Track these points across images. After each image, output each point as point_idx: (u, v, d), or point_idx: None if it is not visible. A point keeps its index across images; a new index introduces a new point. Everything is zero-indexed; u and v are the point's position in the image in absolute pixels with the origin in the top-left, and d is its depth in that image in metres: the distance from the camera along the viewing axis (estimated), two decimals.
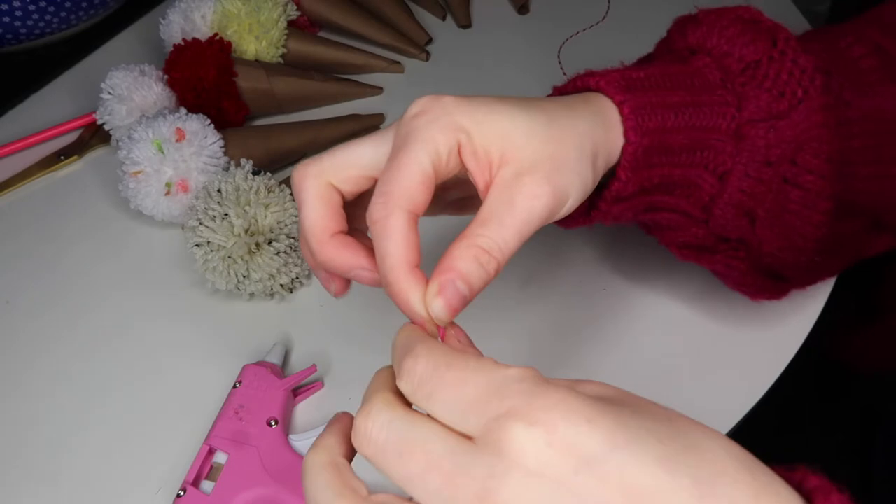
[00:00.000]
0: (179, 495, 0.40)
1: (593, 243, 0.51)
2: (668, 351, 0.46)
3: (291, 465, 0.41)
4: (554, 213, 0.30)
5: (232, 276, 0.48)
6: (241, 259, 0.47)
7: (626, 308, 0.48)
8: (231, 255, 0.47)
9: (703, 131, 0.35)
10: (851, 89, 0.37)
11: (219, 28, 0.61)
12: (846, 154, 0.37)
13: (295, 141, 0.58)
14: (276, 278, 0.48)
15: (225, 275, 0.47)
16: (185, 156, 0.51)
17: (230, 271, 0.47)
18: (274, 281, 0.48)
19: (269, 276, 0.48)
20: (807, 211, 0.36)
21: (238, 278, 0.48)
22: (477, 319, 0.48)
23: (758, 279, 0.40)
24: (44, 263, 0.55)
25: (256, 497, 0.40)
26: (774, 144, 0.35)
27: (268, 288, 0.49)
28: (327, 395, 0.46)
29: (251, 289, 0.48)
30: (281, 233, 0.48)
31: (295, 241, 0.49)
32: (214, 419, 0.43)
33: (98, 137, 0.62)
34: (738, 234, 0.37)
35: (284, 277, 0.49)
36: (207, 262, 0.48)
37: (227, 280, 0.48)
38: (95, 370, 0.48)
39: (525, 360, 0.46)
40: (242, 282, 0.48)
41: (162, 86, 0.58)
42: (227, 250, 0.47)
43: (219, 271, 0.47)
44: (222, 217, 0.48)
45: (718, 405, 0.43)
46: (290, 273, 0.49)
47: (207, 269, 0.48)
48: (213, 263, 0.47)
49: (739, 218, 0.37)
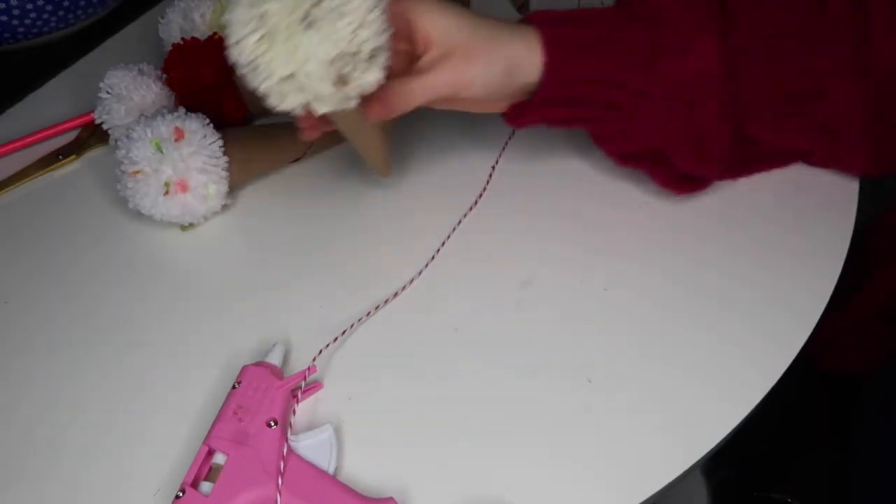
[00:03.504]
0: (178, 496, 0.40)
1: (593, 243, 0.51)
2: (668, 351, 0.46)
3: (291, 466, 0.41)
4: (456, 90, 0.43)
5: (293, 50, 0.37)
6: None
7: (626, 308, 0.48)
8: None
9: (616, 60, 0.44)
10: (754, 33, 0.45)
11: (218, 27, 0.60)
12: (736, 68, 0.45)
13: (295, 141, 0.58)
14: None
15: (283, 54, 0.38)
16: (183, 155, 0.51)
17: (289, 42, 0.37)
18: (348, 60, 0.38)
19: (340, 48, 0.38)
20: (709, 131, 0.46)
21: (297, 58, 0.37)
22: (477, 319, 0.48)
23: (679, 180, 0.50)
24: (42, 263, 0.55)
25: (256, 498, 0.40)
26: (678, 73, 0.44)
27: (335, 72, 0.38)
28: (327, 395, 0.46)
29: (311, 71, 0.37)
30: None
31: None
32: (214, 420, 0.43)
33: (96, 137, 0.62)
34: (656, 145, 0.47)
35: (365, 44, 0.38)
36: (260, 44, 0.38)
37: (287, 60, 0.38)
38: (94, 370, 0.48)
39: (525, 361, 0.46)
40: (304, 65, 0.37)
41: (161, 85, 0.58)
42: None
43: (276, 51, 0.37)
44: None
45: (718, 405, 0.43)
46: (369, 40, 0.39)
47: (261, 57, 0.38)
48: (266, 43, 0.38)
49: (655, 133, 0.46)
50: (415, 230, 0.53)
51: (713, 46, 0.45)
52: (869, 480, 0.55)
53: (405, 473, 0.42)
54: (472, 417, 0.44)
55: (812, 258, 0.49)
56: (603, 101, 0.46)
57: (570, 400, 0.44)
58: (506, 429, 0.43)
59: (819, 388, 0.63)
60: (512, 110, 0.47)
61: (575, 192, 0.54)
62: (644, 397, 0.44)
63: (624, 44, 0.45)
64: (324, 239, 0.54)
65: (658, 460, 0.41)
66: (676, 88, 0.45)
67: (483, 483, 0.41)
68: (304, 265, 0.53)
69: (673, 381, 0.45)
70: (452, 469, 0.42)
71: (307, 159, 0.59)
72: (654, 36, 0.45)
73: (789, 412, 0.60)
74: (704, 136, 0.47)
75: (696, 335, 0.47)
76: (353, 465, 0.42)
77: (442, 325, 0.48)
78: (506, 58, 0.44)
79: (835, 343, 0.61)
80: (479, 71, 0.43)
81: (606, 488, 0.41)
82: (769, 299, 0.48)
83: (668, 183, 0.50)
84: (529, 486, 0.41)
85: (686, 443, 0.42)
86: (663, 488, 0.41)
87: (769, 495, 0.59)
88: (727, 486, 0.64)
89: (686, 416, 0.43)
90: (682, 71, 0.45)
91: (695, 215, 0.52)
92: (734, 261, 0.50)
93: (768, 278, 0.49)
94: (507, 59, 0.44)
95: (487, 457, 0.42)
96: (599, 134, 0.49)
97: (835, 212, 0.51)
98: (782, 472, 0.60)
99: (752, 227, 0.51)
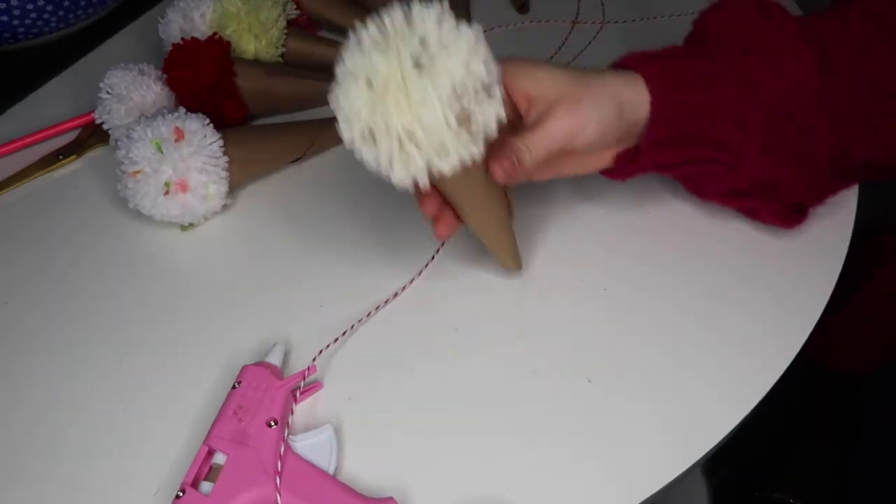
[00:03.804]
0: (178, 496, 0.40)
1: (594, 243, 0.51)
2: (668, 351, 0.46)
3: (291, 466, 0.41)
4: (573, 136, 0.42)
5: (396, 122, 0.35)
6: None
7: (626, 308, 0.48)
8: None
9: (719, 87, 0.44)
10: (845, 48, 0.44)
11: (218, 27, 0.60)
12: (837, 100, 0.44)
13: (295, 141, 0.58)
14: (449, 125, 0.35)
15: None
16: (183, 155, 0.51)
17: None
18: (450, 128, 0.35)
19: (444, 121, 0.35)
20: (819, 143, 0.45)
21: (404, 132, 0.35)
22: (477, 319, 0.48)
23: (786, 211, 0.49)
24: (42, 263, 0.55)
25: (256, 498, 0.40)
26: (780, 94, 0.44)
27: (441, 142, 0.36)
28: (327, 395, 0.46)
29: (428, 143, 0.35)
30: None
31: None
32: (214, 420, 0.43)
33: (97, 137, 0.62)
34: (768, 176, 0.46)
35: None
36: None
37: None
38: (94, 370, 0.48)
39: (525, 361, 0.46)
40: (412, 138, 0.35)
41: (161, 85, 0.58)
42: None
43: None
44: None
45: (718, 405, 0.43)
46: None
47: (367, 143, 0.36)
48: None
49: (765, 160, 0.45)
50: (415, 230, 0.53)
51: (809, 63, 0.44)
52: (869, 480, 0.55)
53: (405, 473, 0.42)
54: (471, 417, 0.44)
55: (812, 258, 0.49)
56: (712, 134, 0.44)
57: (570, 400, 0.44)
58: (506, 429, 0.43)
59: (819, 388, 0.63)
60: (620, 158, 0.46)
61: (575, 191, 0.54)
62: (644, 397, 0.44)
63: (722, 73, 0.44)
64: (324, 239, 0.54)
65: (658, 460, 0.41)
66: (780, 109, 0.44)
67: (483, 483, 0.41)
68: (304, 265, 0.53)
69: (673, 381, 0.45)
70: (452, 469, 0.42)
71: (307, 159, 0.59)
72: (749, 62, 0.44)
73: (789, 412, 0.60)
74: (811, 154, 0.45)
75: (696, 334, 0.47)
76: (353, 465, 0.42)
77: (442, 325, 0.48)
78: (613, 95, 0.43)
79: (835, 343, 0.61)
80: (591, 112, 0.42)
81: (606, 488, 0.41)
82: (769, 299, 0.48)
83: (776, 216, 0.49)
84: (529, 486, 0.41)
85: (686, 443, 0.42)
86: (663, 488, 0.41)
87: (769, 495, 0.59)
88: (727, 486, 0.64)
89: (686, 416, 0.43)
90: (784, 90, 0.44)
91: (694, 215, 0.52)
92: (734, 261, 0.50)
93: (768, 278, 0.49)
94: (615, 96, 0.43)
95: (487, 457, 0.42)
96: (707, 174, 0.47)
97: (835, 212, 0.51)
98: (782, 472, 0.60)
99: (752, 226, 0.51)
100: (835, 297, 0.48)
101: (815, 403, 0.63)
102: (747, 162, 0.45)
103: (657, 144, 0.44)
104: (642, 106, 0.43)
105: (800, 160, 0.45)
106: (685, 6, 0.69)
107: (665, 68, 0.44)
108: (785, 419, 0.61)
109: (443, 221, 0.44)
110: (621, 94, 0.43)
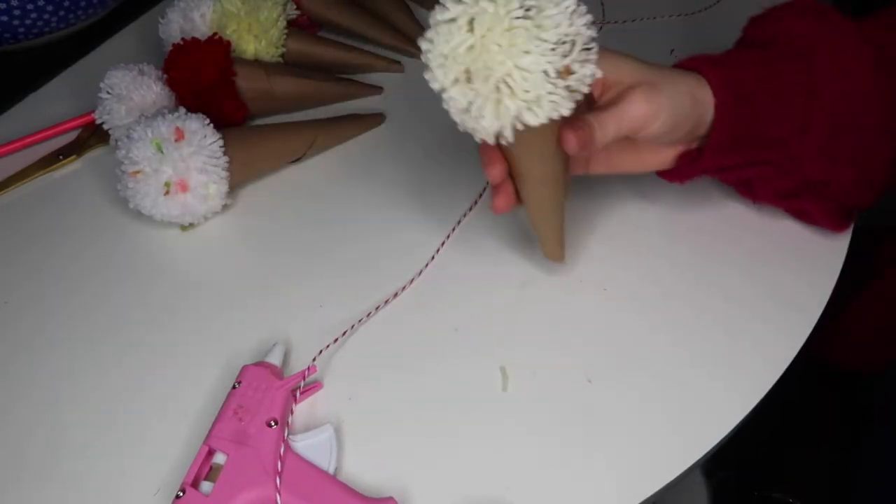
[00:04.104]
0: (178, 496, 0.40)
1: (593, 243, 0.51)
2: (668, 351, 0.46)
3: (291, 466, 0.41)
4: (646, 121, 0.41)
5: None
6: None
7: (626, 308, 0.48)
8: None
9: (782, 90, 0.44)
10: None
11: (218, 27, 0.60)
12: (893, 101, 0.45)
13: (295, 141, 0.58)
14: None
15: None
16: (184, 155, 0.51)
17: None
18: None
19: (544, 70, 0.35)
20: (875, 144, 0.45)
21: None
22: (477, 319, 0.48)
23: (839, 213, 0.49)
24: (42, 263, 0.55)
25: (256, 497, 0.40)
26: (840, 96, 0.44)
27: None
28: (327, 395, 0.46)
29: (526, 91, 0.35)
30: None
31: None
32: (214, 420, 0.43)
33: (97, 137, 0.62)
34: (822, 177, 0.46)
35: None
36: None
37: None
38: (94, 370, 0.48)
39: (525, 361, 0.46)
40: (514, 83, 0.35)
41: (161, 85, 0.58)
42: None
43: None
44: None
45: (718, 405, 0.43)
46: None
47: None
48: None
49: (822, 162, 0.45)
50: (415, 230, 0.53)
51: (868, 65, 0.44)
52: (869, 480, 0.55)
53: (405, 473, 0.42)
54: (471, 417, 0.44)
55: (812, 258, 0.49)
56: (775, 137, 0.45)
57: (570, 400, 0.44)
58: (506, 429, 0.43)
59: (819, 388, 0.63)
60: (681, 159, 0.46)
61: (575, 191, 0.54)
62: (644, 397, 0.44)
63: (785, 79, 0.44)
64: (324, 239, 0.54)
65: (658, 460, 0.41)
66: (841, 110, 0.44)
67: (483, 483, 0.41)
68: (304, 265, 0.53)
69: (673, 381, 0.45)
70: (452, 469, 0.42)
71: (307, 159, 0.59)
72: (811, 67, 0.44)
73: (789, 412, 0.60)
74: (868, 155, 0.46)
75: (696, 334, 0.47)
76: (353, 465, 0.42)
77: (442, 325, 0.48)
78: (690, 89, 0.43)
79: (835, 342, 0.61)
80: (667, 100, 0.42)
81: (606, 488, 0.41)
82: (769, 299, 0.48)
83: (828, 218, 0.49)
84: (529, 486, 0.41)
85: (686, 442, 0.42)
86: (663, 488, 0.41)
87: (769, 495, 0.59)
88: (727, 486, 0.64)
89: (686, 416, 0.43)
90: (845, 92, 0.44)
91: (695, 215, 0.52)
92: (734, 261, 0.50)
93: (769, 278, 0.49)
94: (691, 90, 0.43)
95: (487, 457, 0.42)
96: (763, 175, 0.47)
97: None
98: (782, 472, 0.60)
99: (753, 226, 0.51)
100: (835, 297, 0.48)
101: (815, 403, 0.63)
102: (806, 164, 0.45)
103: (721, 147, 0.44)
104: (710, 108, 0.43)
105: (855, 161, 0.45)
106: (685, 6, 0.69)
107: (730, 73, 0.44)
108: (785, 419, 0.61)
109: (504, 193, 0.44)
110: (695, 88, 0.43)
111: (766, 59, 0.45)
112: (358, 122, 0.61)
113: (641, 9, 0.69)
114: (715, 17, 0.68)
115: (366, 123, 0.61)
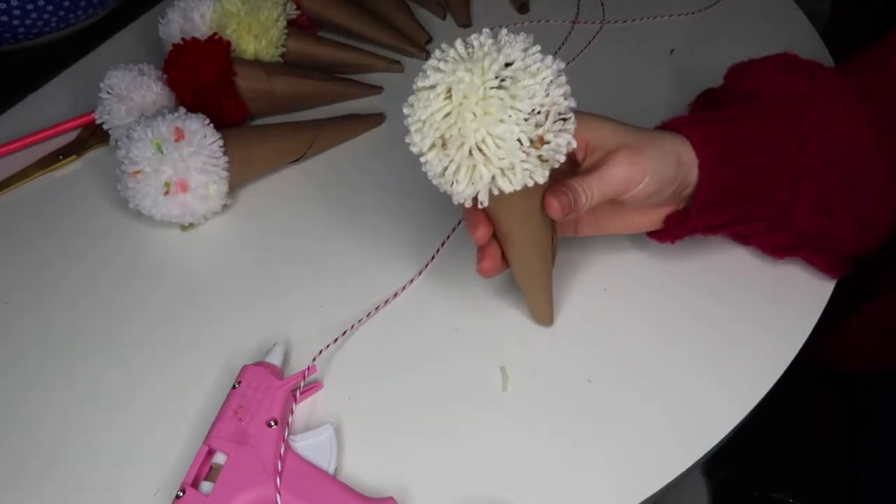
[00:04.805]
0: (178, 496, 0.40)
1: (594, 244, 0.51)
2: (668, 351, 0.46)
3: (291, 466, 0.41)
4: (630, 184, 0.41)
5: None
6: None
7: (626, 308, 0.48)
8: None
9: (768, 144, 0.44)
10: (890, 97, 0.45)
11: (218, 27, 0.60)
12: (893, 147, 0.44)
13: (295, 141, 0.58)
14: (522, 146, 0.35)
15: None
16: (184, 155, 0.51)
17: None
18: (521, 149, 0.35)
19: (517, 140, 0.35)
20: (882, 192, 0.45)
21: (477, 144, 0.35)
22: (477, 319, 0.48)
23: (840, 263, 0.48)
24: (42, 263, 0.55)
25: (256, 498, 0.40)
26: (830, 149, 0.44)
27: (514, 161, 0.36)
28: (327, 395, 0.46)
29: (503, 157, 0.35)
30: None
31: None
32: (214, 420, 0.43)
33: (97, 137, 0.62)
34: (819, 229, 0.45)
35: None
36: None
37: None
38: (94, 370, 0.48)
39: (525, 361, 0.46)
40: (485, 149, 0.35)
41: (161, 85, 0.58)
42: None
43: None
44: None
45: (718, 405, 0.43)
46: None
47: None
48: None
49: (817, 215, 0.45)
50: (415, 230, 0.53)
51: (859, 115, 0.44)
52: (870, 480, 0.55)
53: (405, 473, 0.42)
54: (471, 417, 0.44)
55: None
56: (762, 193, 0.45)
57: (570, 400, 0.44)
58: (506, 429, 0.43)
59: (819, 388, 0.63)
60: (669, 220, 0.46)
61: None
62: (644, 397, 0.44)
63: (770, 134, 0.44)
64: (324, 239, 0.54)
65: (658, 460, 0.41)
66: (832, 162, 0.44)
67: (483, 483, 0.41)
68: (304, 265, 0.53)
69: (673, 381, 0.45)
70: (452, 469, 0.42)
71: (307, 159, 0.59)
72: (799, 120, 0.44)
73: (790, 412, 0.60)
74: (868, 203, 0.45)
75: (696, 335, 0.47)
76: (353, 465, 0.42)
77: (442, 325, 0.48)
78: (673, 150, 0.43)
79: (835, 343, 0.61)
80: (651, 162, 0.41)
81: (606, 488, 0.41)
82: (769, 299, 0.48)
83: (829, 268, 0.48)
84: (529, 486, 0.41)
85: (686, 442, 0.42)
86: (663, 488, 0.41)
87: (769, 495, 0.59)
88: (727, 486, 0.64)
89: (686, 416, 0.43)
90: (836, 145, 0.44)
91: None
92: (734, 261, 0.50)
93: (768, 278, 0.49)
94: (675, 152, 0.43)
95: (487, 457, 0.42)
96: (756, 231, 0.47)
97: None
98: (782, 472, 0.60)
99: None
100: (835, 297, 0.48)
101: (816, 403, 0.63)
102: (799, 216, 0.45)
103: (707, 206, 0.44)
104: (694, 168, 0.43)
105: (856, 210, 0.45)
106: (685, 6, 0.69)
107: (712, 131, 0.44)
108: (785, 419, 0.61)
109: (489, 256, 0.43)
110: (679, 149, 0.43)
111: (749, 113, 0.45)
112: (358, 122, 0.61)
113: (641, 9, 0.69)
114: (715, 17, 0.68)
115: (366, 123, 0.61)
